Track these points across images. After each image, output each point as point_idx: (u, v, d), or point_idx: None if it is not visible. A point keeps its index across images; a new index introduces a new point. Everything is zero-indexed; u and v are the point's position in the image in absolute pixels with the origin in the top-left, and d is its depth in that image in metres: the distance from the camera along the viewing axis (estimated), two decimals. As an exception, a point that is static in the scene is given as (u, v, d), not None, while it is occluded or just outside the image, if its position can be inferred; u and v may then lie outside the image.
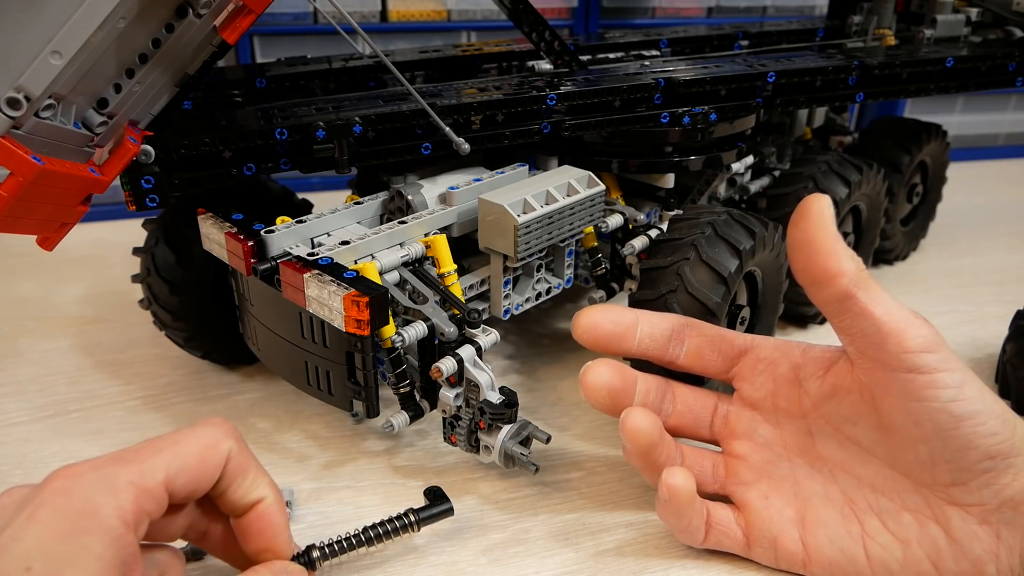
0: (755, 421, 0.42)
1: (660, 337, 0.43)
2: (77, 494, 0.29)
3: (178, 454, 0.32)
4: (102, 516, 0.29)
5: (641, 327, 0.43)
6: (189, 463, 0.32)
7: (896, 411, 0.35)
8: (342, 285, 0.40)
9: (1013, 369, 0.54)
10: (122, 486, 0.30)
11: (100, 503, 0.29)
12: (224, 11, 0.39)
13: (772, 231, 0.51)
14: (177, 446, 0.32)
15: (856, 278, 0.35)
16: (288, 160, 0.47)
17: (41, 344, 0.62)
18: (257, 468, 0.35)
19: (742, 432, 0.42)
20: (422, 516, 0.40)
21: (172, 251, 0.51)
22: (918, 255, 0.80)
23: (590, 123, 0.53)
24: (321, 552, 0.37)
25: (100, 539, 0.28)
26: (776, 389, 0.41)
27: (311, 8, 0.86)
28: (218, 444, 0.33)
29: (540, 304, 0.53)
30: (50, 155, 0.36)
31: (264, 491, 0.34)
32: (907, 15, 0.77)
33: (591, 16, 0.95)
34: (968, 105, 1.09)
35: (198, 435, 0.33)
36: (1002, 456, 0.34)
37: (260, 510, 0.34)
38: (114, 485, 0.29)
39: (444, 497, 0.41)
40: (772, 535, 0.39)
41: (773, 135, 0.68)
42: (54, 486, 0.29)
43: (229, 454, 0.33)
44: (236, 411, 0.53)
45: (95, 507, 0.29)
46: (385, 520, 0.39)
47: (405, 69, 0.65)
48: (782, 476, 0.40)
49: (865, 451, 0.38)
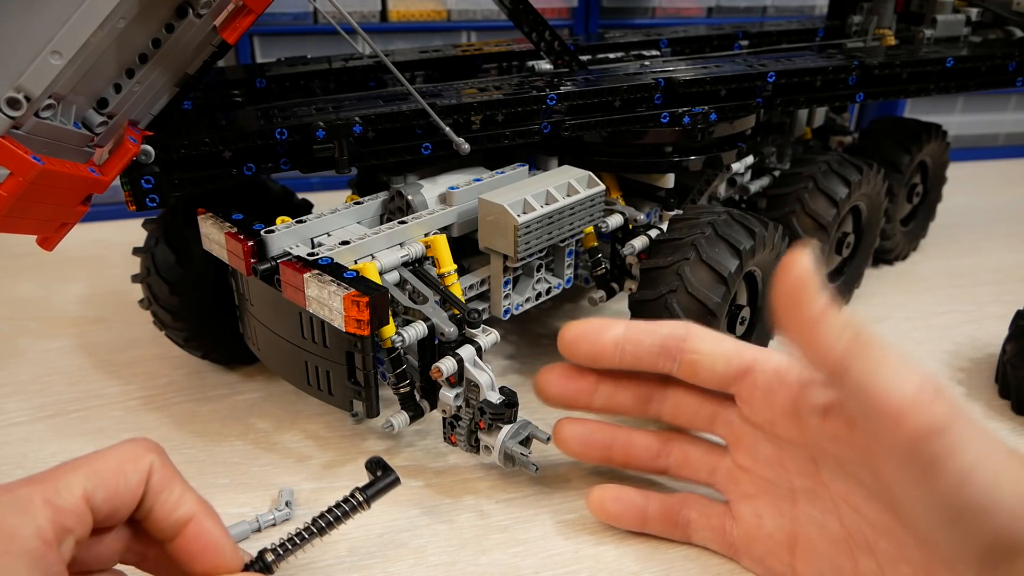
0: (757, 438, 0.39)
1: (646, 356, 0.40)
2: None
3: (96, 470, 0.31)
4: (20, 538, 0.28)
5: (624, 347, 0.40)
6: (108, 477, 0.31)
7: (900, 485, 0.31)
8: (342, 285, 0.40)
9: (1013, 369, 0.54)
10: (38, 505, 0.29)
11: (16, 524, 0.28)
12: (224, 11, 0.39)
13: (772, 231, 0.51)
14: (95, 462, 0.31)
15: (848, 352, 0.30)
16: (288, 160, 0.47)
17: (41, 344, 0.62)
18: (183, 484, 0.33)
19: (746, 445, 0.40)
20: (369, 494, 0.37)
21: (172, 251, 0.51)
22: (918, 255, 0.80)
23: (590, 123, 0.53)
24: (274, 553, 0.35)
25: (21, 560, 0.27)
26: (774, 419, 0.37)
27: (311, 8, 0.86)
28: (138, 458, 0.32)
29: (540, 304, 0.53)
30: (50, 155, 0.36)
31: (192, 507, 0.32)
32: (907, 15, 0.77)
33: (591, 16, 0.95)
34: (968, 105, 1.09)
35: (117, 451, 0.32)
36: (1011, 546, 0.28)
37: (192, 530, 0.32)
38: (28, 505, 0.29)
39: (387, 468, 0.38)
40: (760, 555, 0.39)
41: (773, 135, 0.68)
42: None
43: (151, 467, 0.32)
44: (236, 411, 0.53)
45: (11, 529, 0.28)
46: (333, 506, 0.37)
47: (405, 69, 0.65)
48: (781, 496, 0.38)
49: (869, 491, 0.34)
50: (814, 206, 0.59)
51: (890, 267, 0.76)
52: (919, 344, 0.63)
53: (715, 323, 0.47)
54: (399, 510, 0.45)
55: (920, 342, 0.63)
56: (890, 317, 0.67)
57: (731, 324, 0.51)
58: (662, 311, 0.47)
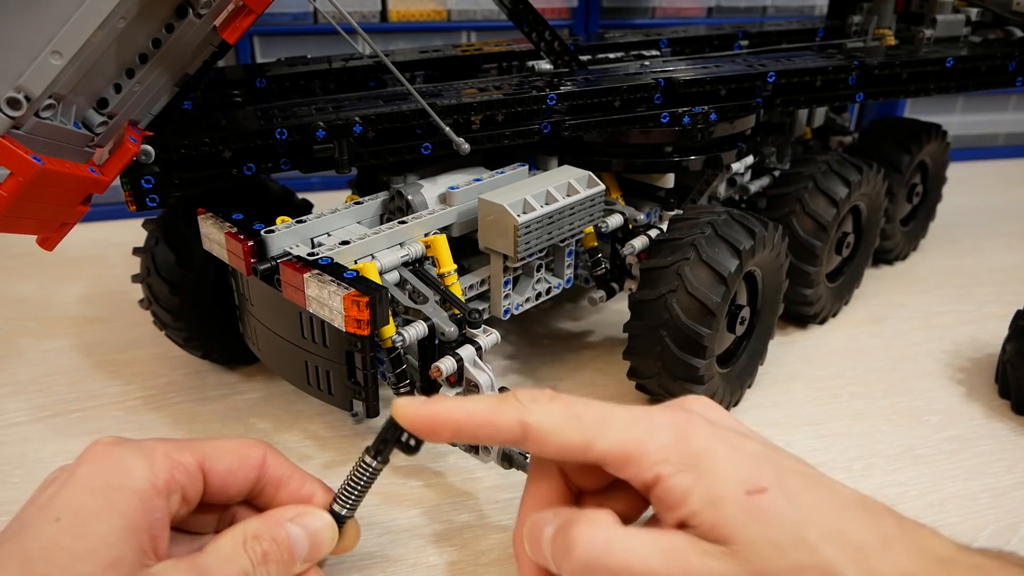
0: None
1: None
2: (114, 456, 0.31)
3: (217, 446, 0.35)
4: (133, 477, 0.31)
5: None
6: (225, 456, 0.35)
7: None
8: (342, 285, 0.40)
9: (1013, 369, 0.54)
10: (158, 455, 0.32)
11: (133, 466, 0.31)
12: (224, 11, 0.39)
13: (772, 231, 0.51)
14: (217, 442, 0.35)
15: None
16: (288, 160, 0.47)
17: (41, 344, 0.62)
18: (301, 472, 0.37)
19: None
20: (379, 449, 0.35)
21: (172, 251, 0.51)
22: (918, 255, 0.80)
23: (590, 123, 0.53)
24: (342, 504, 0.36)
25: (128, 497, 0.30)
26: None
27: (311, 8, 0.86)
28: (254, 447, 0.36)
29: (540, 304, 0.53)
30: (50, 155, 0.36)
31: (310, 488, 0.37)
32: (907, 15, 0.77)
33: (591, 16, 0.95)
34: (968, 105, 1.09)
35: (236, 440, 0.36)
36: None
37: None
38: (150, 454, 0.32)
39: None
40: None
41: (773, 135, 0.68)
42: (95, 449, 0.32)
43: (265, 458, 0.36)
44: (236, 411, 0.53)
45: (128, 468, 0.31)
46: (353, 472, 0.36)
47: (405, 69, 0.65)
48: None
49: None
50: (814, 206, 0.59)
51: (890, 267, 0.76)
52: (919, 344, 0.63)
53: (715, 323, 0.47)
54: (399, 510, 0.45)
55: (920, 342, 0.63)
56: (890, 317, 0.67)
57: (731, 324, 0.51)
58: (662, 311, 0.47)
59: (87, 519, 0.29)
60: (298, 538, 0.34)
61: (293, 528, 0.34)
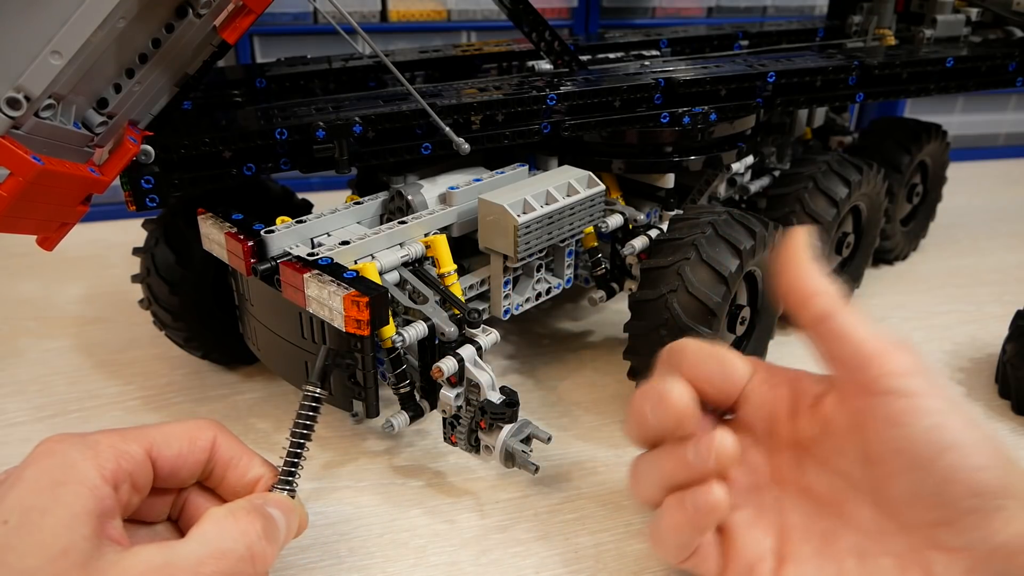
0: (746, 445, 0.39)
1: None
2: (59, 453, 0.32)
3: (164, 432, 0.35)
4: (78, 470, 0.31)
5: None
6: (173, 441, 0.35)
7: (878, 438, 0.33)
8: (342, 285, 0.40)
9: (1013, 369, 0.54)
10: (103, 447, 0.32)
11: (79, 458, 0.32)
12: (224, 11, 0.39)
13: (772, 231, 0.51)
14: (164, 427, 0.36)
15: (833, 301, 0.34)
16: (288, 160, 0.47)
17: (41, 344, 0.62)
18: (249, 452, 0.38)
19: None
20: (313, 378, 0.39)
21: (172, 251, 0.51)
22: (918, 255, 0.80)
23: (590, 123, 0.53)
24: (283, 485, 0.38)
25: (75, 488, 0.30)
26: (774, 415, 0.38)
27: (311, 8, 0.86)
28: (204, 430, 0.37)
29: (540, 304, 0.53)
30: (50, 155, 0.36)
31: (259, 470, 0.38)
32: (907, 15, 0.77)
33: (591, 16, 0.95)
34: (968, 105, 1.09)
35: (185, 423, 0.37)
36: (990, 494, 0.30)
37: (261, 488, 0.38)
38: (94, 446, 0.32)
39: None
40: (749, 563, 0.37)
41: (773, 135, 0.68)
42: (40, 449, 0.32)
43: (215, 440, 0.37)
44: (236, 411, 0.53)
45: (72, 462, 0.31)
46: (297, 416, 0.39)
47: (405, 69, 0.65)
48: (767, 505, 0.38)
49: (852, 488, 0.35)
50: (814, 206, 0.59)
51: (890, 267, 0.76)
52: (919, 344, 0.63)
53: (715, 323, 0.47)
54: (399, 510, 0.45)
55: (920, 342, 0.63)
56: (890, 317, 0.67)
57: (731, 324, 0.51)
58: (662, 311, 0.47)
59: (34, 517, 0.29)
60: (279, 519, 0.35)
61: (273, 511, 0.35)
